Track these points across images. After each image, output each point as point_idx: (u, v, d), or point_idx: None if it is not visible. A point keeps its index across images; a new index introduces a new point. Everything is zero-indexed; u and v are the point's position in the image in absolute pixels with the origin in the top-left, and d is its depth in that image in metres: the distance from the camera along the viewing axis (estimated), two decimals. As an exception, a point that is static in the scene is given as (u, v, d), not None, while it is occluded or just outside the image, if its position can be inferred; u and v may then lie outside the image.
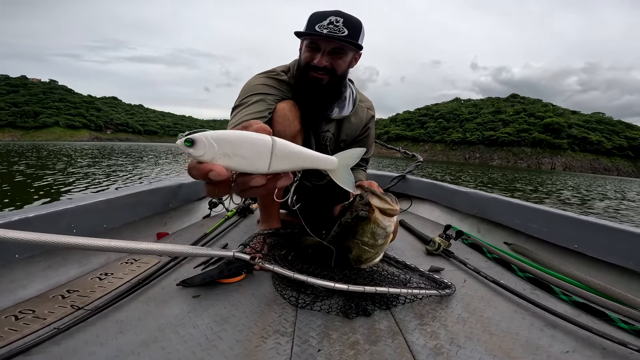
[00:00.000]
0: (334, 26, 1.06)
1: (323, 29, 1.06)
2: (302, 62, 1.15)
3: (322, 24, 1.07)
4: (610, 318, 0.89)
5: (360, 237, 0.96)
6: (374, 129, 1.43)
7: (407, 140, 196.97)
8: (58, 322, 0.79)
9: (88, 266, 1.11)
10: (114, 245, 0.73)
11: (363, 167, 1.51)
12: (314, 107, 1.21)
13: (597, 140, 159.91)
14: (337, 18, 1.07)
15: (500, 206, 1.67)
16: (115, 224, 1.28)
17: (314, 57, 1.11)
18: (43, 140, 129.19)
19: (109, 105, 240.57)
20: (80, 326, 0.77)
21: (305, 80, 1.16)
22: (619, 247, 1.13)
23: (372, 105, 1.41)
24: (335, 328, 0.82)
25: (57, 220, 1.03)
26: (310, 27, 1.08)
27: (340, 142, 1.36)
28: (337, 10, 1.10)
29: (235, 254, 0.90)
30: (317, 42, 1.11)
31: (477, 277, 1.16)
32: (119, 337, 0.75)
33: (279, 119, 1.13)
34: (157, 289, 0.98)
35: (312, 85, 1.15)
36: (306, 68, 1.14)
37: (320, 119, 1.28)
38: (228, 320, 0.83)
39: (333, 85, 1.17)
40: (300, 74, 1.17)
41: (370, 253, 0.98)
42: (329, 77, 1.14)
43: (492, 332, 0.82)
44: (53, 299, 0.90)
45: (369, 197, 0.92)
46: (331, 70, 1.13)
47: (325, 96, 1.19)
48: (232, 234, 1.59)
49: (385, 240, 0.97)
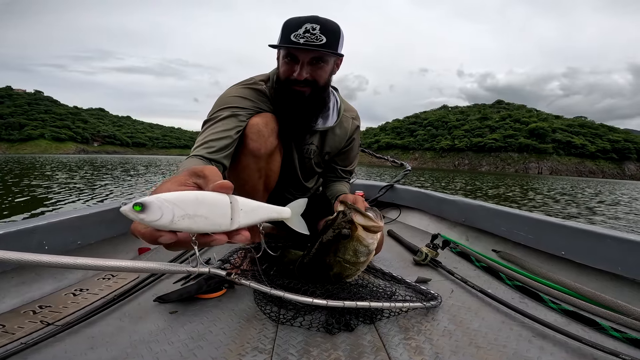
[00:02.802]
0: (311, 34, 0.99)
1: (299, 39, 1.00)
2: (282, 75, 1.09)
3: (298, 33, 1.00)
4: (601, 326, 0.87)
5: (342, 255, 0.92)
6: (359, 139, 1.39)
7: (398, 149, 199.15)
8: (27, 337, 0.77)
9: (63, 282, 1.09)
10: (80, 262, 0.70)
11: (346, 179, 1.45)
12: (297, 121, 1.15)
13: (581, 144, 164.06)
14: (313, 25, 1.00)
15: (487, 214, 1.66)
16: (90, 240, 1.24)
17: (293, 70, 1.05)
18: (28, 153, 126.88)
19: (96, 116, 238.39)
20: (49, 341, 0.76)
21: (286, 94, 1.10)
22: (606, 252, 1.12)
23: (358, 114, 1.35)
24: (317, 344, 0.79)
25: (27, 237, 1.01)
26: (286, 36, 1.01)
27: (324, 154, 1.30)
28: (313, 16, 1.02)
29: (211, 270, 0.87)
30: (294, 52, 1.04)
31: (465, 287, 1.14)
32: (88, 353, 0.73)
33: (253, 136, 1.06)
34: (133, 305, 0.96)
35: (294, 98, 1.09)
36: (286, 82, 1.08)
37: (304, 132, 1.22)
38: (205, 336, 0.81)
39: (316, 97, 1.12)
40: (280, 87, 1.12)
41: (351, 270, 0.94)
42: (311, 89, 1.08)
43: (479, 345, 0.79)
44: (24, 314, 0.88)
45: (352, 215, 0.88)
46: (312, 81, 1.07)
47: (308, 109, 1.13)
48: (217, 248, 1.55)
49: (368, 257, 0.93)
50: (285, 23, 1.04)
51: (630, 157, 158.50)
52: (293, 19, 1.03)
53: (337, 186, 1.38)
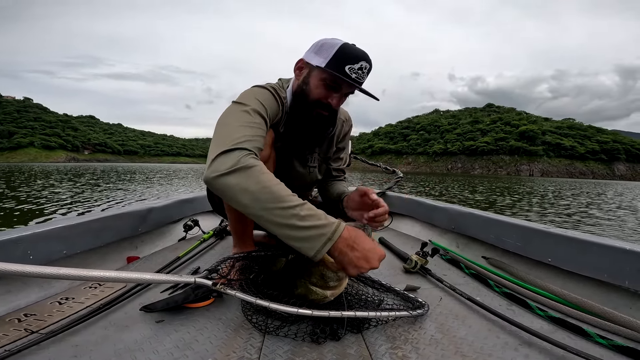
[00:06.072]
0: (362, 72, 1.02)
1: (352, 73, 1.00)
2: (314, 96, 1.08)
3: (353, 67, 1.00)
4: (587, 333, 0.87)
5: (308, 277, 0.91)
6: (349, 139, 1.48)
7: (391, 154, 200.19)
8: (11, 344, 0.77)
9: (49, 290, 1.08)
10: (64, 273, 0.72)
11: (341, 177, 1.50)
12: (314, 141, 1.24)
13: (571, 146, 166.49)
14: (366, 65, 1.02)
15: (477, 221, 1.67)
16: (77, 250, 1.24)
17: (331, 96, 1.07)
18: (18, 162, 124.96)
19: (86, 124, 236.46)
20: (33, 349, 0.75)
21: (310, 116, 1.11)
22: (591, 259, 1.12)
23: (349, 116, 1.41)
24: (303, 354, 0.79)
25: (11, 247, 1.01)
26: (339, 65, 1.00)
27: (327, 158, 1.39)
28: (365, 53, 1.03)
29: (197, 279, 0.86)
30: (340, 83, 1.04)
31: (453, 295, 1.14)
32: None
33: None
34: (119, 314, 0.95)
35: (317, 122, 1.12)
36: (315, 104, 1.08)
37: (314, 147, 1.30)
38: (191, 345, 0.80)
39: (332, 119, 1.18)
40: (304, 106, 1.11)
41: (318, 294, 0.90)
42: (329, 113, 1.12)
43: (465, 354, 0.79)
44: (9, 322, 0.88)
45: None
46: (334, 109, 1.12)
47: (325, 130, 1.21)
48: (206, 257, 1.54)
49: (339, 282, 0.92)
50: (341, 48, 1.01)
51: (620, 157, 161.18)
52: (350, 49, 1.02)
53: (338, 185, 1.44)
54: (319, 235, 0.79)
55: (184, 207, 2.08)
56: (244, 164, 0.81)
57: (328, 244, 0.80)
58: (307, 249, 0.80)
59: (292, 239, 0.80)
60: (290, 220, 0.78)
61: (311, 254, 0.80)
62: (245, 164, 0.81)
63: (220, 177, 0.81)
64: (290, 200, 0.80)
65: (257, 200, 0.79)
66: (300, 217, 0.78)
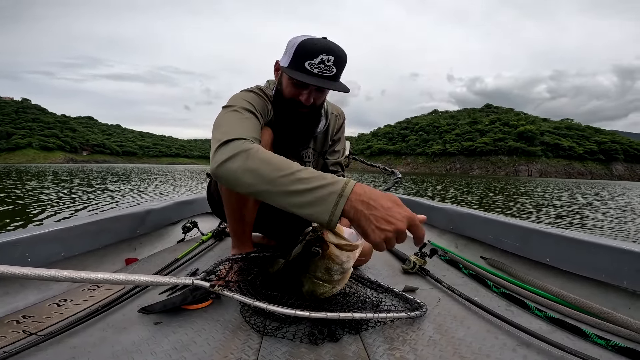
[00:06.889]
0: (325, 66, 1.01)
1: (313, 68, 1.01)
2: (287, 95, 1.12)
3: (313, 62, 1.00)
4: (586, 334, 0.87)
5: (313, 273, 0.90)
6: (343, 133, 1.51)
7: (390, 154, 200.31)
8: (9, 346, 0.77)
9: (48, 292, 1.08)
10: (61, 275, 0.73)
11: (340, 174, 1.48)
12: (297, 138, 1.25)
13: (569, 146, 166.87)
14: (328, 57, 1.01)
15: (476, 221, 1.67)
16: (75, 252, 1.24)
17: (300, 94, 1.09)
18: (16, 163, 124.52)
19: (85, 125, 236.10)
20: (31, 351, 0.75)
21: (289, 114, 1.15)
22: (589, 259, 1.13)
23: (342, 110, 1.44)
24: (301, 355, 0.78)
25: (9, 249, 1.01)
26: (299, 62, 1.01)
27: (323, 153, 1.41)
28: (328, 45, 1.02)
29: (194, 281, 0.86)
30: (303, 79, 1.05)
31: (452, 295, 1.14)
32: None
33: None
34: (117, 316, 0.95)
35: (297, 119, 1.16)
36: (290, 102, 1.12)
37: (303, 144, 1.33)
38: (189, 347, 0.80)
39: (315, 115, 1.22)
40: (283, 105, 1.15)
41: (325, 287, 0.91)
42: (310, 109, 1.14)
43: (463, 355, 0.79)
44: (8, 324, 0.88)
45: (323, 232, 0.84)
46: (312, 105, 1.12)
47: (308, 127, 1.24)
48: (205, 259, 1.54)
49: (343, 275, 0.91)
50: (299, 46, 1.02)
51: (618, 157, 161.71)
52: (308, 44, 1.02)
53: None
54: (328, 194, 0.74)
55: (183, 209, 2.08)
56: (242, 149, 0.83)
57: (341, 201, 0.73)
58: (320, 214, 0.74)
59: (303, 207, 0.75)
60: (295, 186, 0.76)
61: (326, 218, 0.74)
62: (243, 148, 0.83)
63: (222, 164, 0.83)
64: (291, 166, 0.79)
65: (259, 175, 0.79)
66: (305, 180, 0.76)
